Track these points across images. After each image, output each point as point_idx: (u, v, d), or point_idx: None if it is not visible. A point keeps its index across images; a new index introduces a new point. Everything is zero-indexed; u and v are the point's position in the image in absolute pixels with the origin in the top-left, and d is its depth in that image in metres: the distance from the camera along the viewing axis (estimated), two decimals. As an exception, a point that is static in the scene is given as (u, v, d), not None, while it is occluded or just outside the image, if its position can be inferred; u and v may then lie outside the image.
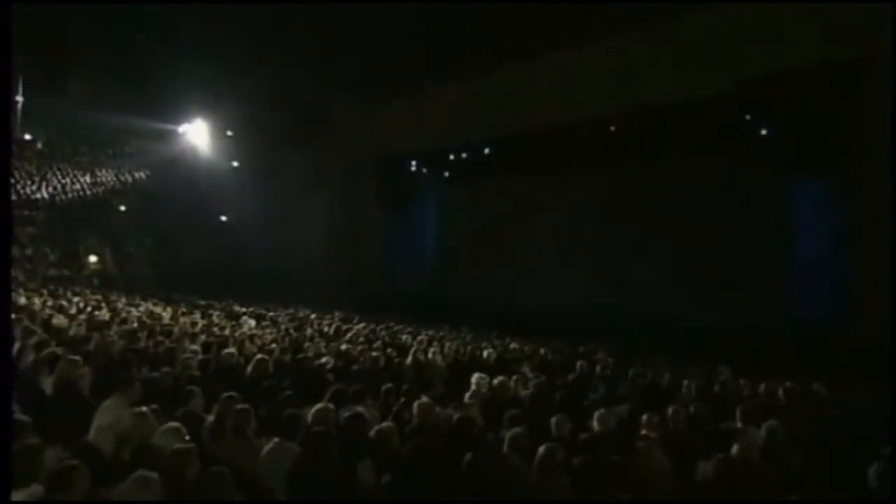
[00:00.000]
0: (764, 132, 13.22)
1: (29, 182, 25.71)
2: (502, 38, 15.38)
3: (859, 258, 10.89)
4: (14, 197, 23.10)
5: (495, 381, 5.63)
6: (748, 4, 11.44)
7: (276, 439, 3.31)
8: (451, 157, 19.17)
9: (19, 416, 3.02)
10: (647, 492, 2.90)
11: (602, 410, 4.46)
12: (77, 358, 4.65)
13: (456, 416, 3.75)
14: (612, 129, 15.03)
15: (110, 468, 2.78)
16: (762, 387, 6.42)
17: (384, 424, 3.44)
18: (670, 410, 4.60)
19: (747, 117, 13.30)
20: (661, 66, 12.63)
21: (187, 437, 3.10)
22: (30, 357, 5.30)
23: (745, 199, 13.88)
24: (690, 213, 14.63)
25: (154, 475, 2.45)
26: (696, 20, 12.14)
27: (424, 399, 4.30)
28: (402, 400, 4.52)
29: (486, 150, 17.88)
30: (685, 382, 6.39)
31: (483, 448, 3.27)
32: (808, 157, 12.42)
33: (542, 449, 3.11)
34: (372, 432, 3.30)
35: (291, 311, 13.75)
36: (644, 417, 4.29)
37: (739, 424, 4.58)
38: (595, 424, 4.29)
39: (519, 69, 15.40)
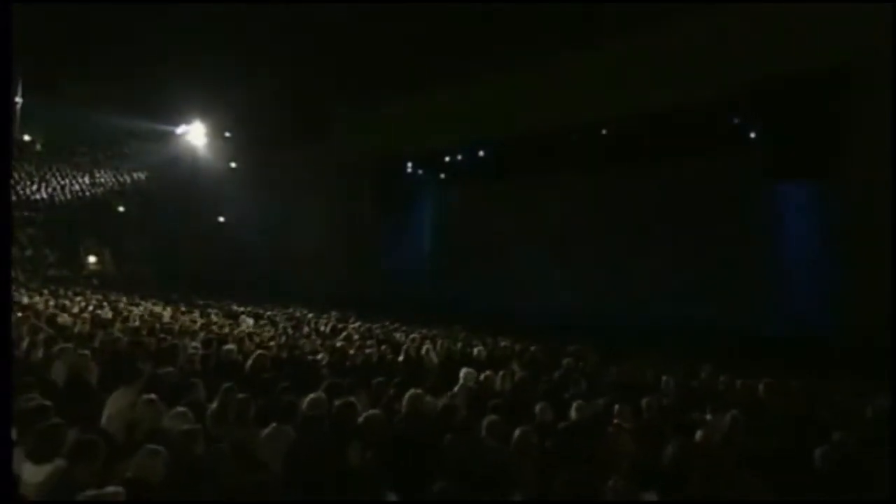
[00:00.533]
0: (753, 135, 13.47)
1: (28, 183, 25.94)
2: (498, 43, 15.67)
3: (849, 259, 11.11)
4: (13, 198, 23.30)
5: (482, 376, 5.91)
6: (739, 10, 11.64)
7: (274, 424, 3.61)
8: (447, 158, 19.51)
9: (41, 400, 3.32)
10: (611, 471, 3.18)
11: (580, 402, 4.76)
12: (86, 352, 4.94)
13: (441, 402, 4.04)
14: (604, 132, 15.36)
15: (123, 448, 3.08)
16: (738, 383, 6.73)
17: (373, 411, 3.74)
18: (644, 402, 4.90)
19: (735, 120, 13.60)
20: (655, 70, 12.86)
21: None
22: (40, 352, 5.59)
23: (737, 201, 14.13)
24: (684, 216, 14.90)
25: (161, 448, 2.74)
26: (687, 26, 12.36)
27: (415, 390, 4.58)
28: (392, 392, 4.80)
29: (481, 153, 18.20)
30: (664, 378, 6.68)
31: (462, 432, 3.57)
32: (798, 159, 12.57)
33: (517, 432, 3.41)
34: (361, 418, 3.59)
35: (290, 310, 14.01)
36: (616, 407, 4.59)
37: (708, 415, 4.89)
38: (573, 414, 4.59)
39: (513, 73, 15.69)
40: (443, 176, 20.91)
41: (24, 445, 2.81)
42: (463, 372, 6.01)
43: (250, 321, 11.05)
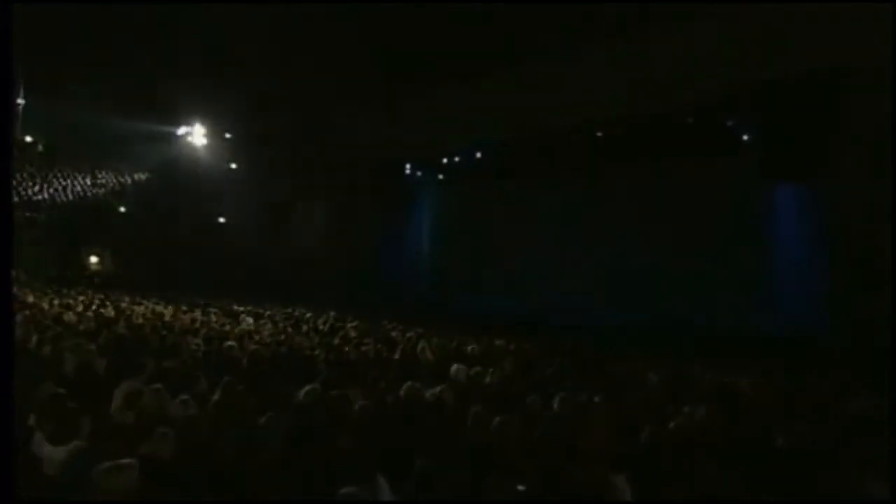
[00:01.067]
0: (750, 136, 13.60)
1: (30, 184, 26.16)
2: (498, 44, 15.85)
3: (845, 259, 11.22)
4: (15, 199, 23.53)
5: (472, 371, 6.15)
6: (738, 11, 11.73)
7: (271, 413, 3.85)
8: (445, 160, 19.74)
9: (55, 389, 3.57)
10: (586, 455, 3.43)
11: (563, 394, 5.00)
12: (93, 347, 5.19)
13: (435, 391, 4.29)
14: (601, 133, 15.59)
15: (134, 432, 3.32)
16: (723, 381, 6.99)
17: (365, 402, 3.99)
18: (625, 395, 5.15)
19: (732, 122, 13.77)
20: (650, 72, 12.98)
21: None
22: (48, 347, 5.83)
23: (735, 201, 14.27)
24: (681, 216, 15.05)
25: (171, 430, 3.00)
26: (686, 27, 12.45)
27: (412, 382, 4.84)
28: (383, 384, 5.05)
29: (479, 154, 18.43)
30: (650, 375, 6.93)
31: (448, 421, 3.81)
32: (796, 160, 12.52)
33: (496, 420, 3.66)
34: (355, 407, 3.84)
35: (289, 310, 14.23)
36: (596, 398, 4.83)
37: (686, 408, 5.12)
38: (556, 406, 4.83)
39: (511, 75, 15.89)
40: (441, 177, 21.13)
41: (44, 430, 3.06)
42: (454, 367, 6.25)
43: (250, 320, 11.29)
